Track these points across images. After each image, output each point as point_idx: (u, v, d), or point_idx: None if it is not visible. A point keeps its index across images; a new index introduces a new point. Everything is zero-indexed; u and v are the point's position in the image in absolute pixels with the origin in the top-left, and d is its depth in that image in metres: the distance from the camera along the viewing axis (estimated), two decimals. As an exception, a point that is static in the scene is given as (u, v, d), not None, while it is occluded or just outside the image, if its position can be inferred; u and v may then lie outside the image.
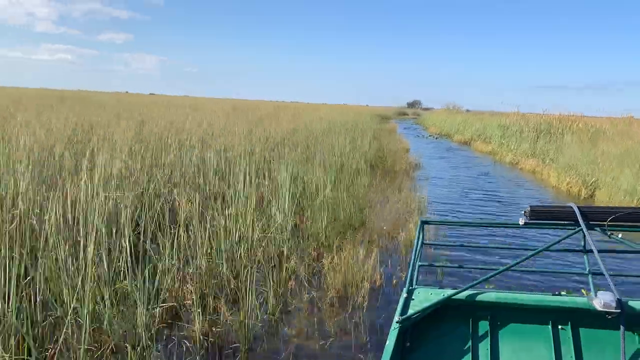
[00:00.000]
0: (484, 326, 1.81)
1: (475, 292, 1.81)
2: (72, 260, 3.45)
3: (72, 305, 3.04)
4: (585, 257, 1.95)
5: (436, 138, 30.08)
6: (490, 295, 1.81)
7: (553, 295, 1.88)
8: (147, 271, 3.63)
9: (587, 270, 1.89)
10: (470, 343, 1.77)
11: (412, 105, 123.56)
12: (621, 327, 1.54)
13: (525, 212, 1.96)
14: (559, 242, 1.87)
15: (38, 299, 3.10)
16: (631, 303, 1.66)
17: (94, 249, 3.41)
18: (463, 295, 1.80)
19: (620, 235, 1.88)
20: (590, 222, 1.88)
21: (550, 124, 20.70)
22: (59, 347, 2.94)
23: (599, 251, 1.78)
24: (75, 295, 3.12)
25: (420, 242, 2.07)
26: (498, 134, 22.05)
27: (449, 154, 19.66)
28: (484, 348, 1.76)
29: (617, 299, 1.59)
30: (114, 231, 4.01)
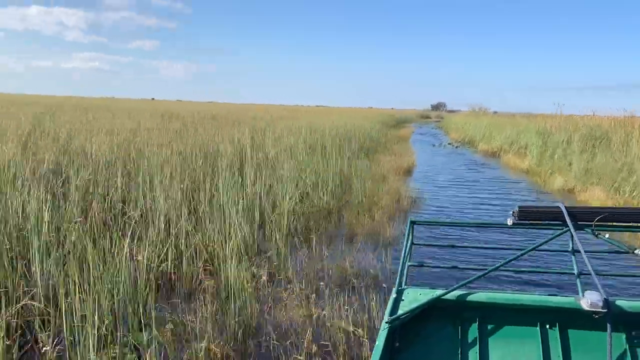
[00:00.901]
0: (472, 326, 1.86)
1: (464, 292, 1.85)
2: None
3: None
4: (572, 257, 1.97)
5: (457, 147, 25.44)
6: (479, 295, 1.85)
7: (541, 295, 1.89)
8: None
9: (575, 270, 1.93)
10: (459, 343, 1.82)
11: (436, 107, 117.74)
12: (608, 326, 1.58)
13: (513, 212, 1.97)
14: (547, 242, 1.93)
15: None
16: (618, 302, 1.71)
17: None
18: (452, 295, 1.84)
19: (607, 235, 1.93)
20: (578, 222, 1.90)
21: (602, 128, 15.93)
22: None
23: (586, 251, 1.80)
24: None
25: (409, 242, 2.12)
26: (537, 143, 17.17)
27: (470, 174, 14.69)
28: (473, 348, 1.80)
29: (604, 298, 1.63)
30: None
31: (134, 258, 4.12)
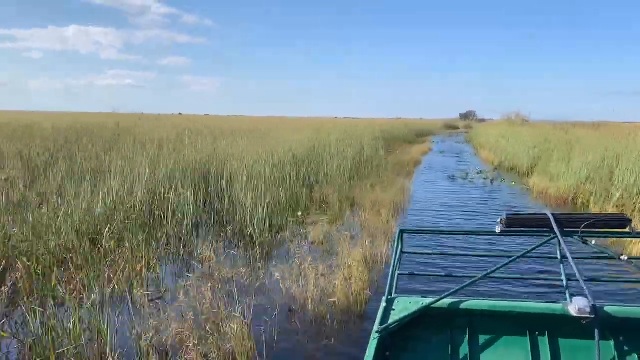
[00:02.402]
0: (462, 334, 2.01)
1: (454, 300, 2.01)
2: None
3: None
4: (560, 263, 2.14)
5: (491, 180, 16.29)
6: (468, 303, 1.99)
7: (530, 302, 2.02)
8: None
9: (563, 276, 2.09)
10: (449, 350, 1.97)
11: (465, 116, 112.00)
12: (596, 332, 1.70)
13: (501, 220, 2.13)
14: (535, 249, 2.09)
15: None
16: (606, 308, 1.87)
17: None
18: (442, 303, 2.00)
19: (593, 242, 2.09)
20: (565, 229, 2.07)
21: None
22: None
23: (574, 257, 1.96)
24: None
25: (399, 251, 2.28)
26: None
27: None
28: (464, 355, 1.94)
29: (592, 304, 1.77)
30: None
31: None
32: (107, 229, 6.21)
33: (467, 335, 1.94)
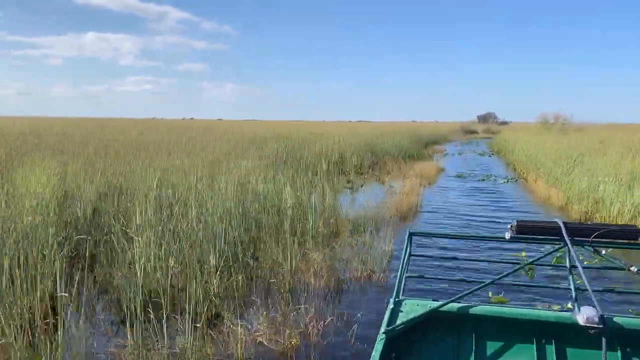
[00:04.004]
0: (469, 338, 1.99)
1: (461, 304, 1.99)
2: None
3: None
4: (569, 272, 2.09)
5: None
6: (476, 308, 1.97)
7: (538, 309, 2.04)
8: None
9: (571, 285, 2.02)
10: (455, 355, 1.95)
11: (484, 119, 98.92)
12: (603, 342, 1.70)
13: (511, 226, 2.11)
14: (544, 256, 2.09)
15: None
16: (615, 319, 1.86)
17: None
18: (449, 307, 1.98)
19: (604, 252, 2.08)
20: (575, 238, 2.05)
21: None
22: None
23: (583, 267, 1.96)
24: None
25: (408, 253, 2.27)
26: None
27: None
28: None
29: (600, 314, 1.76)
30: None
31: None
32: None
33: (474, 340, 1.94)
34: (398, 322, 1.85)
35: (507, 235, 2.02)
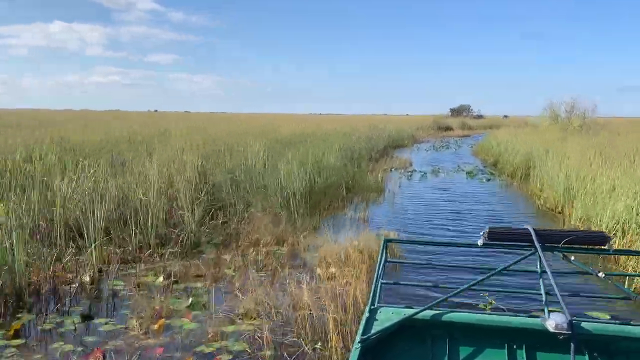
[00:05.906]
0: (443, 345, 2.04)
1: (435, 311, 2.05)
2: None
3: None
4: (540, 278, 2.17)
5: None
6: (449, 315, 2.03)
7: (509, 315, 2.12)
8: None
9: (542, 291, 2.12)
10: None
11: (457, 112, 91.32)
12: (571, 347, 1.74)
13: (484, 233, 2.14)
14: (516, 262, 2.11)
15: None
16: (583, 324, 1.91)
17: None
18: (423, 315, 2.03)
19: (573, 258, 2.13)
20: (546, 245, 2.10)
21: None
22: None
23: (554, 273, 1.98)
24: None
25: (383, 260, 2.30)
26: None
27: None
28: None
29: (569, 320, 1.80)
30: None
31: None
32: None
33: (447, 347, 2.00)
34: (373, 330, 1.91)
35: (480, 242, 2.09)
